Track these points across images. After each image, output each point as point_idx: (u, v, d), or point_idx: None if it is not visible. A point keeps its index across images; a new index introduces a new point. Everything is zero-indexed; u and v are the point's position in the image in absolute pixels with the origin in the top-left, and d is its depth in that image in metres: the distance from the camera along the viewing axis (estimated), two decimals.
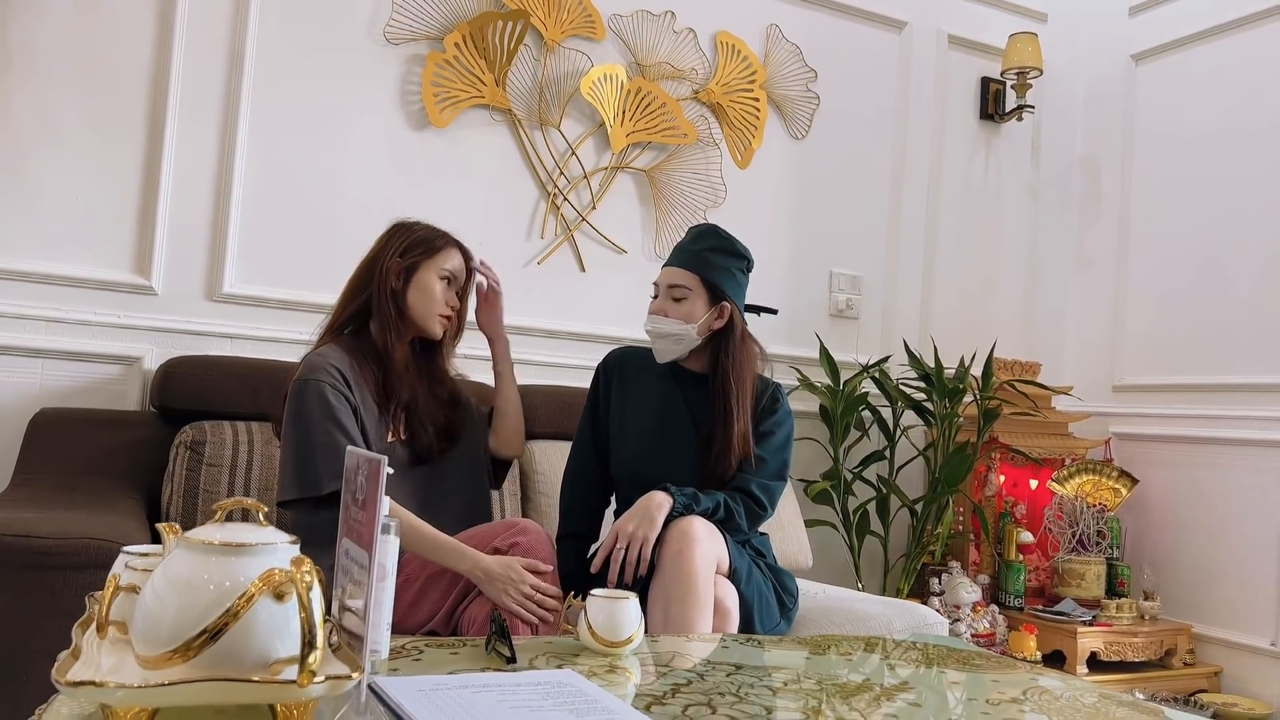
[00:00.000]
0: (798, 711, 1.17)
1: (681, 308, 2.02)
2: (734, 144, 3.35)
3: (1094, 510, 3.37)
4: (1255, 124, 3.37)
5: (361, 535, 1.05)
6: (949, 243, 3.73)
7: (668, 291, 2.03)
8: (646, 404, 2.10)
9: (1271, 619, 3.19)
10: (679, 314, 2.02)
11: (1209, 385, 3.43)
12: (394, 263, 1.96)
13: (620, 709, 1.08)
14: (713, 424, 2.01)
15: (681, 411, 2.08)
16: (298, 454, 1.80)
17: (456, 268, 2.01)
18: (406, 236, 2.00)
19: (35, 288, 2.48)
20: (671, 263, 2.06)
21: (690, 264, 2.03)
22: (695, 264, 2.03)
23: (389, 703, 1.03)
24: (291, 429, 1.83)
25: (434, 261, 1.98)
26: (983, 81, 3.80)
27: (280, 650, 0.86)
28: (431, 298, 1.97)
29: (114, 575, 0.99)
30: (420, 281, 1.97)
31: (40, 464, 2.29)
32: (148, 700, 0.82)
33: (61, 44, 2.52)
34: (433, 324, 1.98)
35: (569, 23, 3.08)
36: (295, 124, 2.76)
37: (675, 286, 2.02)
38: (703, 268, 2.02)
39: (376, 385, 1.93)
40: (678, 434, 2.06)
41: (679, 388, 2.10)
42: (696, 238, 2.07)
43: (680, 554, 1.80)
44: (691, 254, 2.04)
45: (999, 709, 1.23)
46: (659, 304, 2.04)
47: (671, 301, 2.02)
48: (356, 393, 1.89)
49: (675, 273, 2.03)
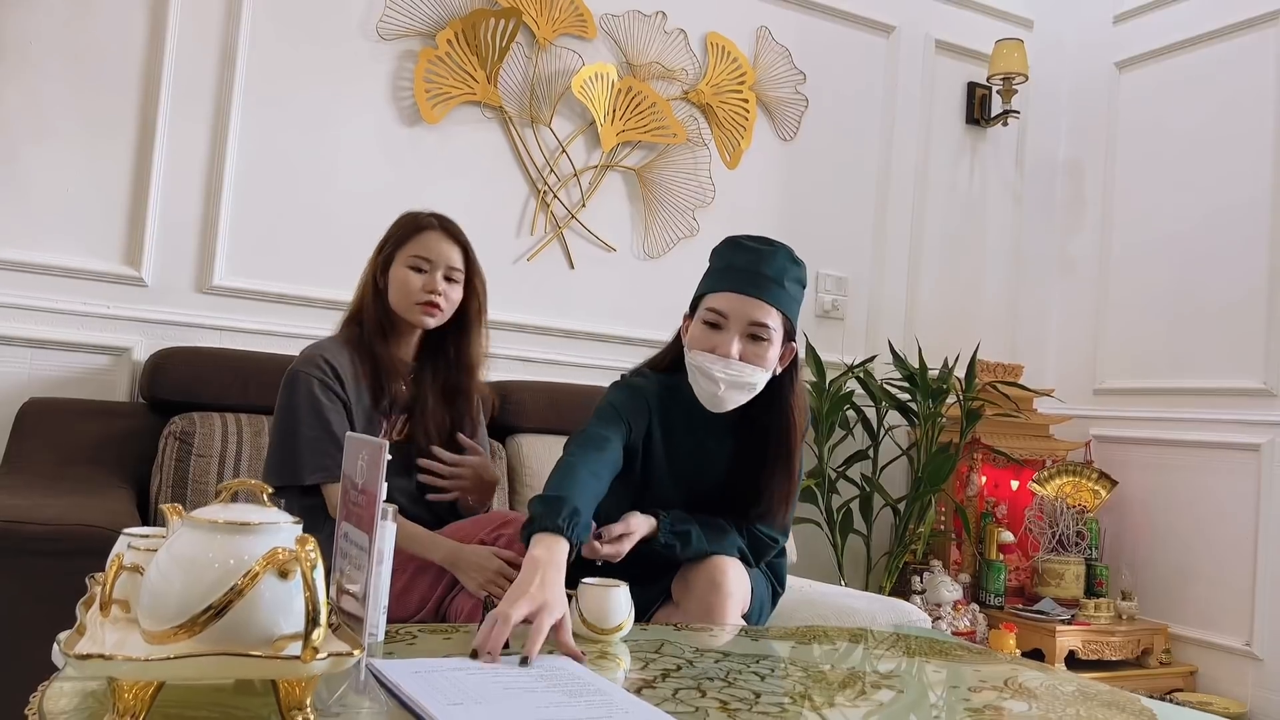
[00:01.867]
0: (786, 696, 1.19)
1: (763, 352, 1.65)
2: (723, 144, 3.38)
3: (1074, 511, 3.42)
4: (1234, 132, 3.43)
5: (362, 519, 1.07)
6: (934, 245, 3.77)
7: (748, 329, 1.64)
8: (687, 451, 1.78)
9: (1246, 620, 3.25)
10: (759, 360, 1.65)
11: (1187, 389, 3.48)
12: (375, 260, 1.94)
13: (612, 690, 1.11)
14: (757, 471, 1.74)
15: (719, 454, 1.79)
16: (282, 444, 1.83)
17: (432, 251, 1.88)
18: (389, 230, 1.95)
19: (25, 278, 2.48)
20: (751, 292, 1.64)
21: (779, 301, 1.66)
22: (784, 301, 1.67)
23: (386, 683, 1.05)
24: (279, 419, 1.85)
25: (404, 250, 1.89)
26: (969, 86, 3.84)
27: (284, 627, 0.88)
28: (403, 289, 1.88)
29: (117, 554, 1.00)
30: (394, 275, 1.89)
31: (29, 453, 2.29)
32: (153, 673, 0.84)
33: (54, 36, 2.52)
34: (414, 315, 1.88)
35: (561, 21, 3.10)
36: (287, 118, 2.77)
37: (760, 326, 1.64)
38: (788, 305, 1.68)
39: (371, 381, 1.88)
40: (712, 475, 1.79)
41: (723, 436, 1.77)
42: (775, 262, 1.67)
43: (712, 609, 1.62)
44: (778, 286, 1.65)
45: (981, 696, 1.26)
46: (733, 347, 1.64)
47: (749, 342, 1.65)
48: (350, 388, 1.86)
49: (762, 309, 1.64)
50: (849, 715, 1.15)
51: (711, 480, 1.77)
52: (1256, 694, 3.20)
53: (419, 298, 1.87)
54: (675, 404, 1.75)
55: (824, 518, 3.25)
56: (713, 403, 1.68)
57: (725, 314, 1.65)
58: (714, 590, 1.63)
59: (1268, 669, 3.18)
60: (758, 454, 1.74)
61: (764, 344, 1.65)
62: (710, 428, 1.75)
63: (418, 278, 1.88)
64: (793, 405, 1.73)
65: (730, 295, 1.65)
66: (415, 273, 1.88)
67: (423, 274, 1.88)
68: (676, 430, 1.76)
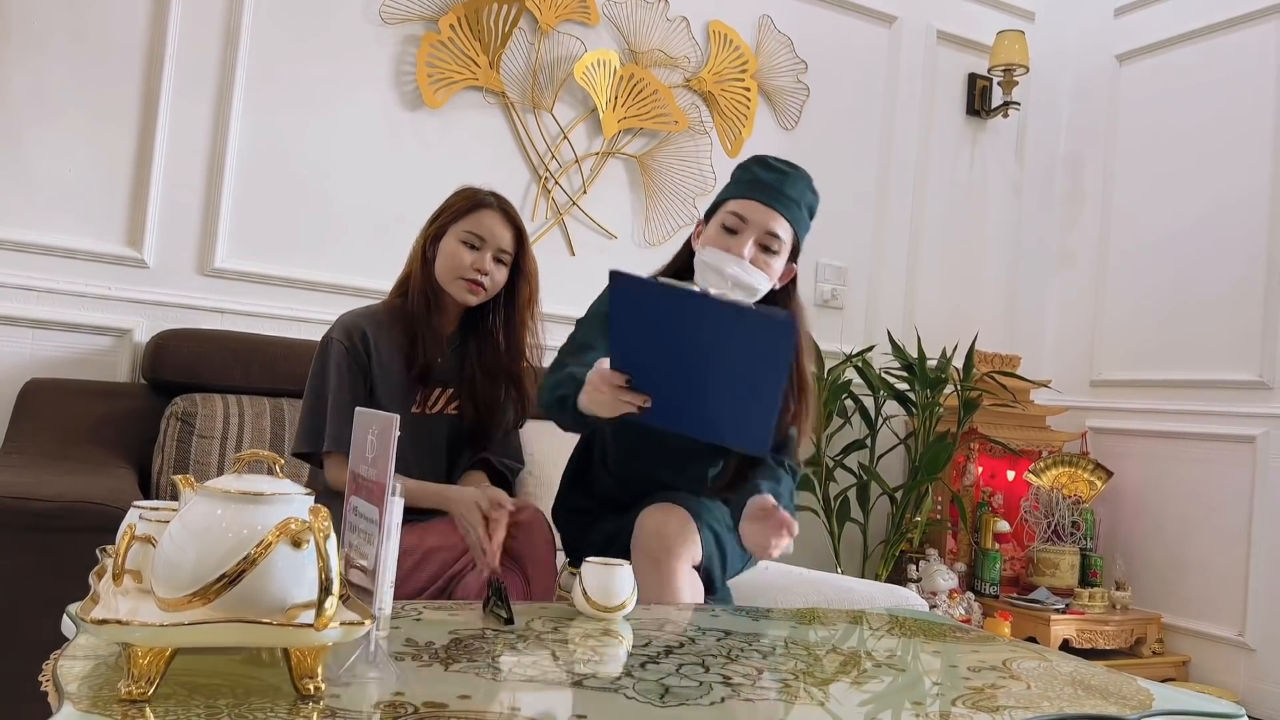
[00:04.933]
0: (789, 672, 1.20)
1: (771, 262, 1.75)
2: (724, 132, 3.39)
3: (1069, 501, 3.44)
4: (1234, 125, 3.44)
5: (371, 493, 1.08)
6: (934, 236, 3.78)
7: (762, 238, 1.74)
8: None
9: (1238, 610, 3.27)
10: (766, 268, 1.75)
11: (1183, 381, 3.50)
12: (428, 229, 1.93)
13: None
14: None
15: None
16: (312, 409, 1.85)
17: (487, 230, 1.87)
18: (446, 201, 1.94)
19: (27, 258, 2.49)
20: (773, 204, 1.75)
21: (795, 218, 1.77)
22: (797, 220, 1.78)
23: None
24: (310, 382, 1.87)
25: (459, 224, 1.88)
26: (970, 77, 3.85)
27: (296, 596, 0.89)
28: (451, 261, 1.86)
29: (129, 525, 1.01)
30: (444, 246, 1.88)
31: (31, 433, 2.30)
32: (168, 639, 0.85)
33: (58, 17, 2.52)
34: (456, 288, 1.87)
35: (563, 7, 3.10)
36: (289, 101, 2.77)
37: (773, 236, 1.74)
38: (800, 226, 1.79)
39: (409, 350, 1.86)
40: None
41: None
42: (797, 184, 1.78)
43: (659, 564, 1.65)
44: (795, 205, 1.76)
45: (980, 675, 1.28)
46: (746, 249, 1.73)
47: (761, 251, 1.75)
48: (382, 356, 1.85)
49: (780, 221, 1.74)
50: (850, 693, 1.16)
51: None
52: (1249, 684, 3.22)
53: (465, 273, 1.86)
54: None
55: (821, 506, 3.27)
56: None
57: (745, 218, 1.74)
58: (659, 540, 1.65)
59: (1260, 659, 3.21)
60: None
61: (773, 255, 1.74)
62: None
63: (468, 254, 1.86)
64: (794, 315, 1.73)
65: (752, 203, 1.74)
66: (466, 248, 1.87)
67: (474, 250, 1.87)
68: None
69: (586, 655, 1.24)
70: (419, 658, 1.11)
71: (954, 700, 1.15)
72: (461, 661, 1.11)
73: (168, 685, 0.88)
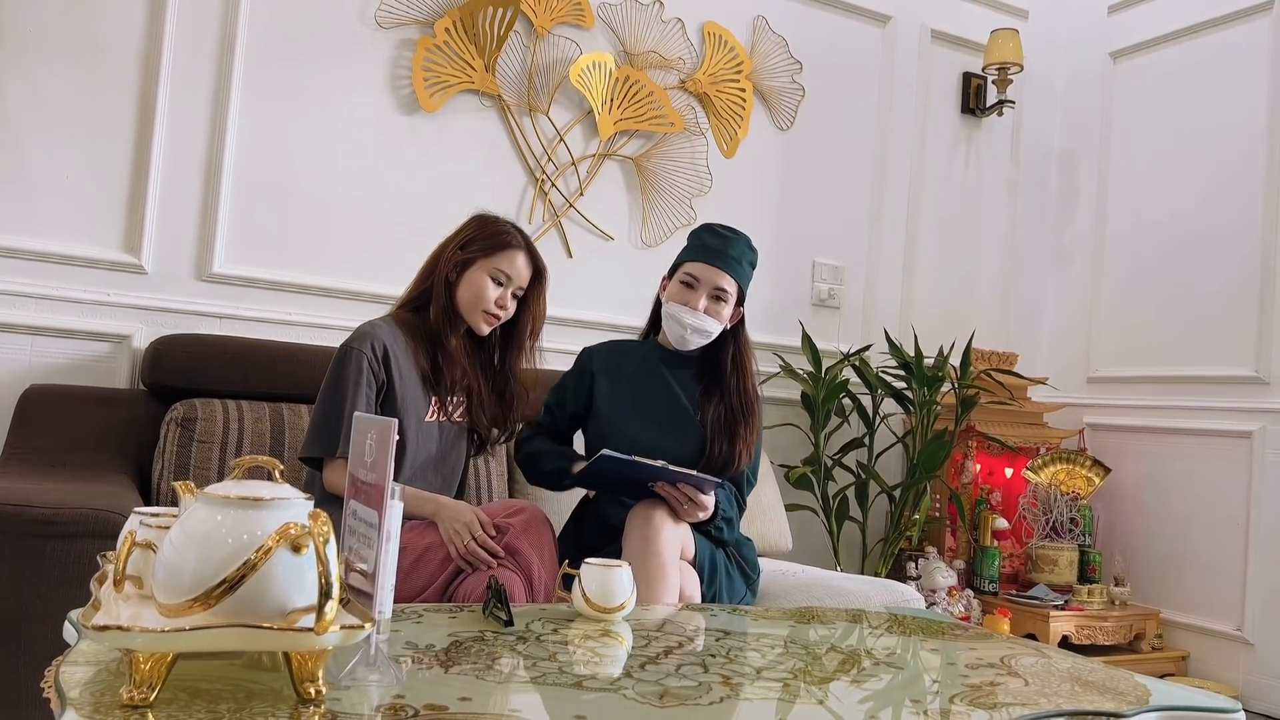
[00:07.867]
0: (787, 672, 1.21)
1: (720, 309, 2.15)
2: (720, 134, 3.39)
3: (1067, 498, 3.45)
4: (1227, 122, 3.45)
5: (371, 497, 1.08)
6: (929, 234, 3.79)
7: (713, 292, 2.14)
8: (637, 381, 2.22)
9: (1237, 605, 3.28)
10: (717, 315, 2.15)
11: (1180, 377, 3.51)
12: (454, 254, 2.01)
13: None
14: (728, 409, 2.15)
15: (670, 389, 2.19)
16: (327, 415, 1.89)
17: (515, 271, 2.02)
18: (475, 230, 2.04)
19: (25, 265, 2.49)
20: (719, 265, 2.15)
21: (737, 274, 2.17)
22: (740, 274, 2.17)
23: None
24: (326, 388, 1.92)
25: (490, 260, 2.00)
26: (964, 76, 3.86)
27: (296, 601, 0.89)
28: (478, 295, 2.00)
29: (130, 532, 1.02)
30: (471, 277, 2.00)
31: (31, 440, 2.30)
32: (169, 644, 0.85)
33: (53, 22, 2.52)
34: (476, 320, 2.02)
35: (559, 10, 3.10)
36: (286, 105, 2.78)
37: (722, 290, 2.14)
38: (743, 278, 2.18)
39: (429, 364, 1.98)
40: (671, 410, 2.17)
41: (665, 368, 2.21)
42: (737, 246, 2.18)
43: (647, 539, 1.89)
44: (737, 263, 2.17)
45: (978, 672, 1.28)
46: (701, 302, 2.13)
47: (712, 301, 2.14)
48: (396, 368, 1.94)
49: (725, 278, 2.14)
50: (849, 691, 1.17)
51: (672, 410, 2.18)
52: (1247, 679, 3.23)
53: (489, 307, 2.01)
54: (629, 356, 2.25)
55: (820, 504, 3.27)
56: (681, 342, 2.17)
57: (698, 278, 2.15)
58: (648, 524, 1.92)
59: (1259, 654, 3.21)
60: (716, 383, 2.19)
61: (722, 304, 2.15)
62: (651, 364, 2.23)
63: (495, 290, 2.01)
64: (742, 347, 2.21)
65: (703, 265, 2.15)
66: (495, 284, 2.01)
67: (500, 287, 2.02)
68: (621, 370, 2.23)
69: (586, 656, 1.24)
70: (419, 660, 1.12)
71: (953, 698, 1.15)
72: (462, 663, 1.11)
73: (169, 690, 0.88)
